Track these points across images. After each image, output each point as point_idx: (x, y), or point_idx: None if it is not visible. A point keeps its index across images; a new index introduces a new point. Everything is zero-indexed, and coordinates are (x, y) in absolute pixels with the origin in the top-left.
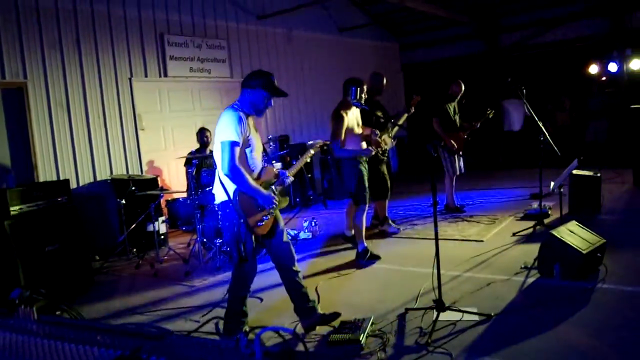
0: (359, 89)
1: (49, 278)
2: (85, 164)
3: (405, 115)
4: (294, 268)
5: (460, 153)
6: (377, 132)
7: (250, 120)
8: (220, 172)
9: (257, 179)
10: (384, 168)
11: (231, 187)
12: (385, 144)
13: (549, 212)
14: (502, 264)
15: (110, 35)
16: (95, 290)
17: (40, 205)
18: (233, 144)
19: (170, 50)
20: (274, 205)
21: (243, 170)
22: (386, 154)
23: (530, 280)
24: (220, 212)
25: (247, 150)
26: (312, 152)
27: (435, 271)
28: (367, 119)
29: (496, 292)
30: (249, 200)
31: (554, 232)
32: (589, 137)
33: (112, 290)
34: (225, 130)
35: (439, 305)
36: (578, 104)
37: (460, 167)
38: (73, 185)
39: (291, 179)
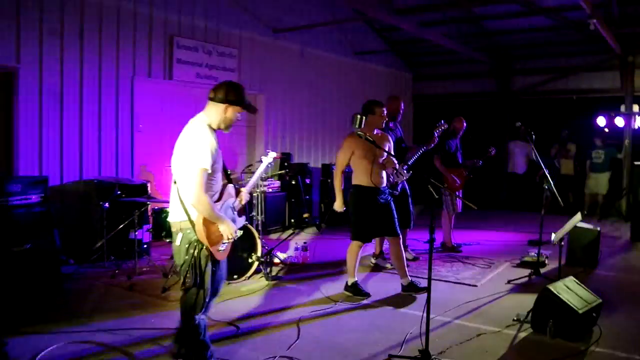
0: (358, 116)
1: (12, 281)
2: (72, 161)
3: (421, 151)
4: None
5: (459, 192)
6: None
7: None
8: (183, 195)
9: (218, 199)
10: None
11: (193, 210)
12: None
13: (546, 262)
14: (495, 313)
15: (117, 30)
16: (63, 299)
17: (11, 201)
18: (204, 172)
19: (179, 53)
20: (236, 234)
21: (208, 198)
22: (395, 188)
23: (522, 334)
24: (177, 233)
25: (212, 170)
26: (263, 166)
27: (425, 317)
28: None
29: (486, 345)
30: (211, 225)
31: (551, 288)
32: (590, 189)
33: (80, 301)
34: (197, 152)
35: (425, 357)
36: (582, 153)
37: (458, 204)
38: (56, 181)
39: (247, 196)
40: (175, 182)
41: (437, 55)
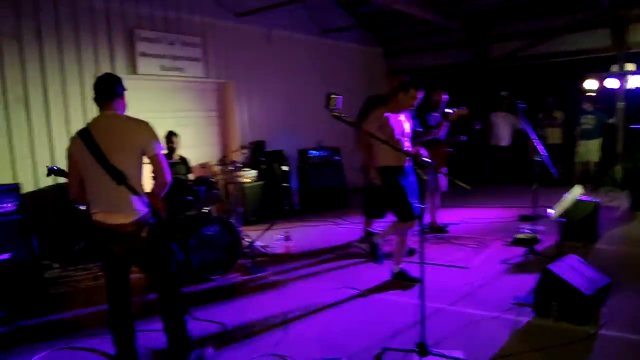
0: (333, 96)
1: None
2: (44, 165)
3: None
4: None
5: (442, 169)
6: None
7: None
8: (166, 181)
9: None
10: None
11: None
12: None
13: (538, 238)
14: (491, 297)
15: (75, 27)
16: (47, 305)
17: None
18: None
19: (141, 46)
20: None
21: None
22: None
23: (523, 319)
24: (147, 227)
25: None
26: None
27: (420, 306)
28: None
29: (485, 332)
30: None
31: (553, 268)
32: (581, 157)
33: (65, 306)
34: (158, 139)
35: (422, 350)
36: (570, 121)
37: (444, 183)
38: (30, 187)
39: None
40: (121, 183)
41: (408, 27)
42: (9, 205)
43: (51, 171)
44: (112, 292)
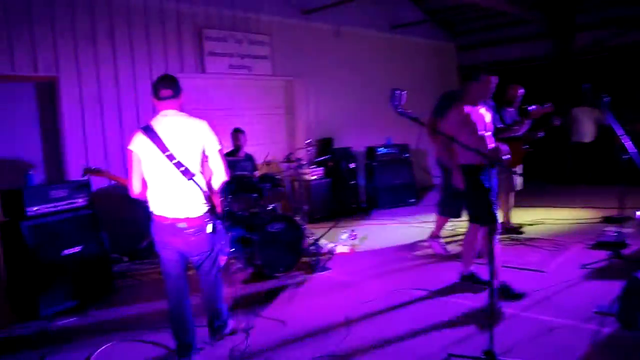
0: (397, 92)
1: (65, 284)
2: (116, 163)
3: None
4: None
5: (517, 167)
6: None
7: None
8: (223, 177)
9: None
10: None
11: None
12: None
13: (625, 241)
14: (569, 304)
15: (146, 28)
16: (115, 298)
17: (58, 207)
18: None
19: (209, 46)
20: None
21: None
22: None
23: (605, 330)
24: (212, 223)
25: None
26: None
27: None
28: None
29: (561, 343)
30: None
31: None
32: None
33: (132, 299)
34: (214, 137)
35: (489, 358)
36: None
37: (519, 182)
38: (104, 183)
39: None
40: (190, 178)
41: (482, 20)
42: (80, 200)
43: (87, 171)
44: (172, 287)
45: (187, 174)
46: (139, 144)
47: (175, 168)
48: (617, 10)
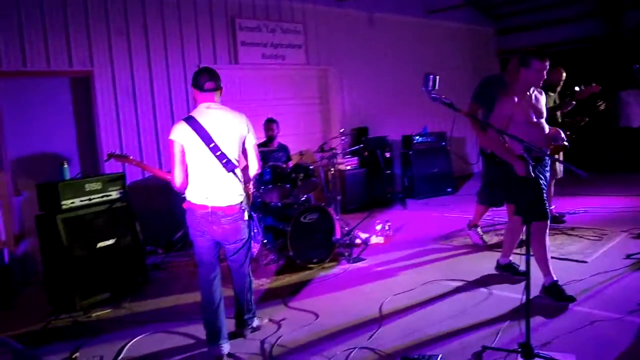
0: (431, 76)
1: (100, 276)
2: (151, 154)
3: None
4: None
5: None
6: None
7: None
8: (257, 169)
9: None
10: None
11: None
12: None
13: None
14: (612, 296)
15: (179, 20)
16: (150, 289)
17: (92, 200)
18: None
19: (242, 35)
20: None
21: None
22: None
23: None
24: (248, 213)
25: None
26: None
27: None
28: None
29: (603, 336)
30: None
31: None
32: None
33: (166, 291)
34: (253, 131)
35: (526, 352)
36: None
37: (559, 170)
38: (138, 176)
39: None
40: (230, 170)
41: (523, 2)
42: (115, 193)
43: (111, 155)
44: (204, 275)
45: (230, 165)
46: (183, 134)
47: (218, 160)
48: None
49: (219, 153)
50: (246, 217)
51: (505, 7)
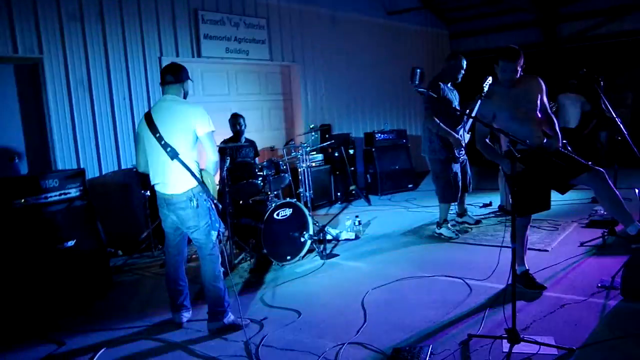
0: (417, 70)
1: (59, 280)
2: (108, 150)
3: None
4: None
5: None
6: None
7: None
8: (212, 158)
9: None
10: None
11: (196, 172)
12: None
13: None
14: (575, 281)
15: (138, 9)
16: (114, 293)
17: (48, 198)
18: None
19: (205, 28)
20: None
21: None
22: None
23: (612, 303)
24: (195, 198)
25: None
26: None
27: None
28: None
29: (573, 318)
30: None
31: None
32: None
33: (132, 294)
34: (209, 121)
35: (513, 337)
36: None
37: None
38: (95, 173)
39: None
40: (173, 158)
41: (474, 8)
42: (74, 190)
43: None
44: (169, 254)
45: (172, 152)
46: (140, 125)
47: (163, 148)
48: (597, 2)
49: (163, 142)
50: (194, 205)
51: (458, 12)
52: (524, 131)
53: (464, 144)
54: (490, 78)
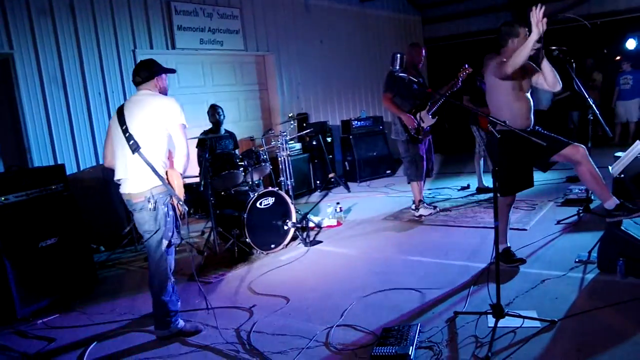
0: (397, 55)
1: (44, 278)
2: (85, 146)
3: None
4: None
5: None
6: None
7: None
8: (182, 151)
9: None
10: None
11: (161, 172)
12: (423, 121)
13: (591, 197)
14: (553, 257)
15: (110, 2)
16: (100, 288)
17: (30, 195)
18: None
19: (178, 20)
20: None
21: None
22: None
23: (589, 276)
24: (154, 200)
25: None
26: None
27: (493, 268)
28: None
29: (554, 291)
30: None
31: (616, 224)
32: (620, 117)
33: (118, 288)
34: (180, 114)
35: (497, 311)
36: (609, 81)
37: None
38: (73, 169)
39: None
40: (134, 151)
41: None
42: (55, 187)
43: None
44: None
45: (135, 145)
46: (112, 118)
47: (127, 141)
48: None
49: (127, 134)
50: (151, 207)
51: None
52: (519, 105)
53: (424, 126)
54: (467, 65)
